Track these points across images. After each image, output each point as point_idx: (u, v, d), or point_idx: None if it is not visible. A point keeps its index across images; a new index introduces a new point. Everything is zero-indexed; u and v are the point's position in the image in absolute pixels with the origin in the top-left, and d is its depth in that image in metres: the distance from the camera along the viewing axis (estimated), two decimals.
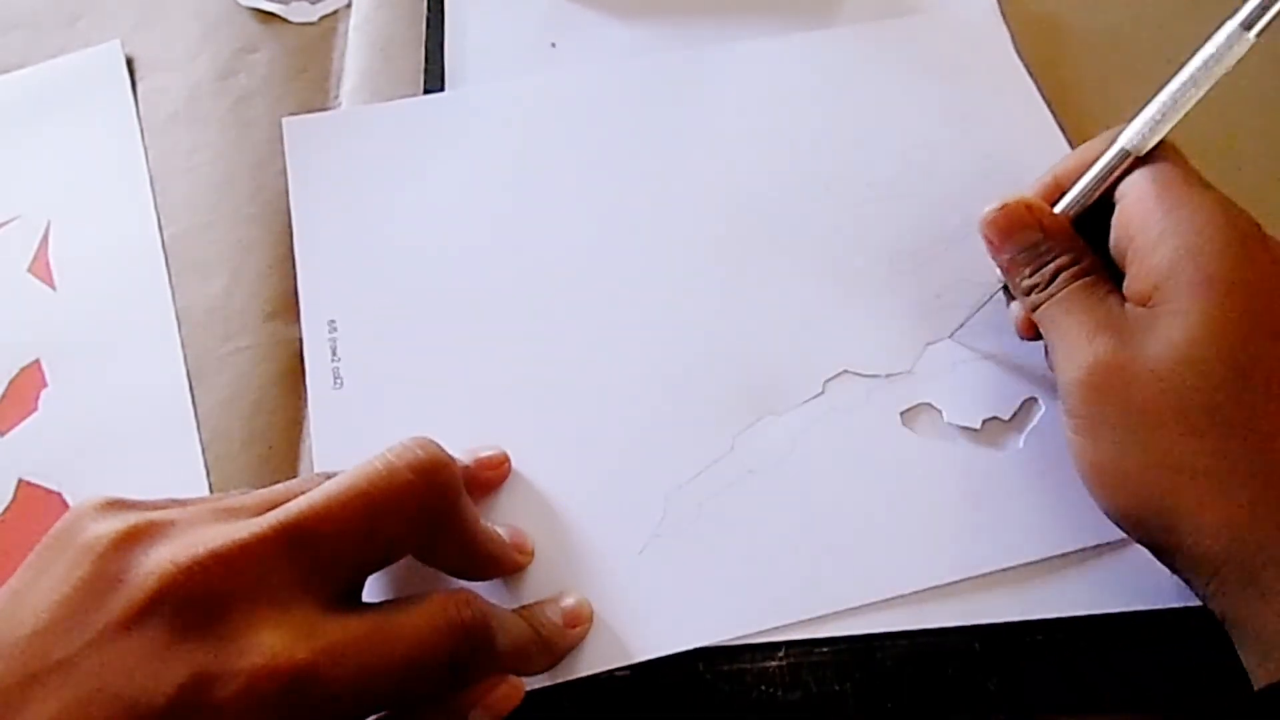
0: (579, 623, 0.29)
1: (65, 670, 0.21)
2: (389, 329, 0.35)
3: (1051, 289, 0.29)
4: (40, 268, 0.36)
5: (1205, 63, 0.28)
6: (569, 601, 0.29)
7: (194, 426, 0.33)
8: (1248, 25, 0.27)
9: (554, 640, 0.29)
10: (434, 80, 0.42)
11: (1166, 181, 0.28)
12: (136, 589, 0.22)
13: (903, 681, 0.29)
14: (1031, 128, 0.40)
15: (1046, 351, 0.31)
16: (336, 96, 0.42)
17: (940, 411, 0.33)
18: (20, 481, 0.32)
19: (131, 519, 0.23)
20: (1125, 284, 0.28)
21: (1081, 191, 0.30)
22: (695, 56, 0.42)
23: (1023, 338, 0.33)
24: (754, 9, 0.44)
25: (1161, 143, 0.29)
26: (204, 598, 0.22)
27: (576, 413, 0.33)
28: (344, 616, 0.23)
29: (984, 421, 0.33)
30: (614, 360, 0.34)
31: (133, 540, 0.23)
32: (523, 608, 0.29)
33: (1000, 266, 0.31)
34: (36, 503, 0.32)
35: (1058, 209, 0.31)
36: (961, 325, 0.34)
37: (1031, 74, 0.41)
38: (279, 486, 0.26)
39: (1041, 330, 0.30)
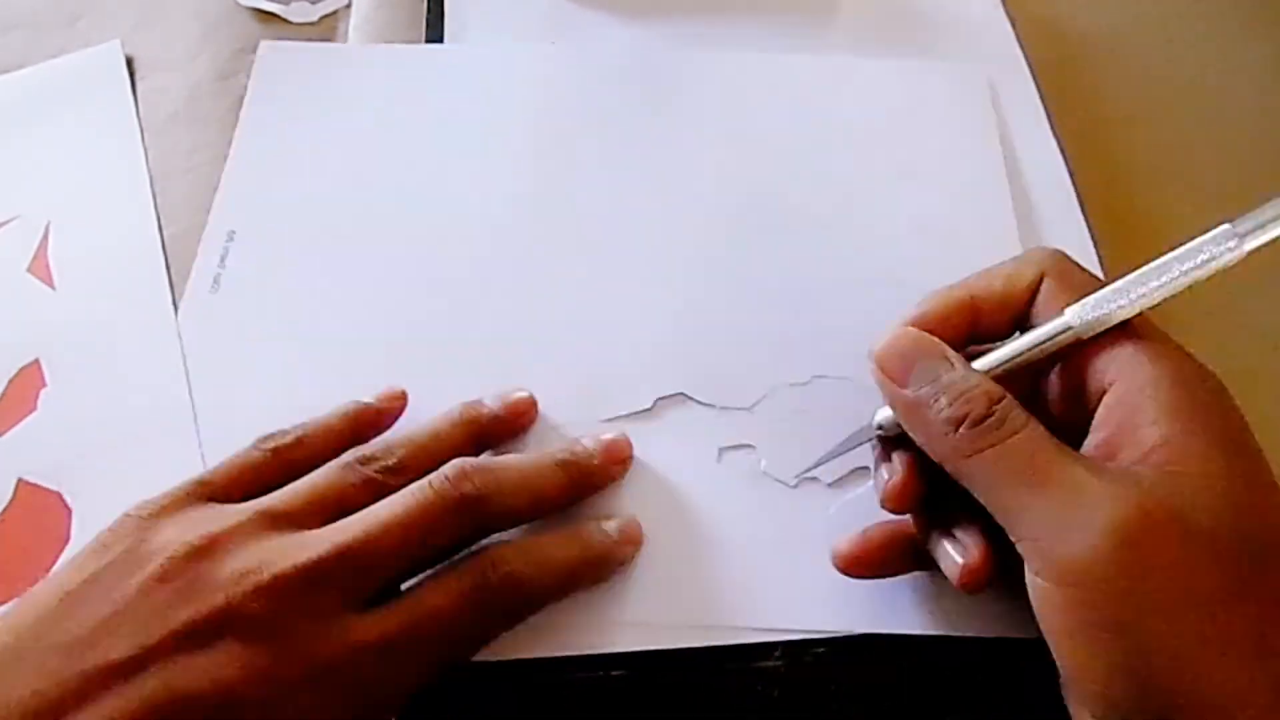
0: (632, 540, 0.30)
1: (128, 672, 0.23)
2: (283, 251, 0.36)
3: (989, 431, 0.24)
4: (40, 267, 0.36)
5: (1183, 266, 0.24)
6: (620, 521, 0.30)
7: (194, 426, 0.33)
8: (1242, 235, 0.22)
9: (608, 554, 0.29)
10: None
11: (1156, 348, 0.24)
12: (202, 604, 0.24)
13: (902, 682, 0.29)
14: (984, 197, 0.38)
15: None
16: None
17: (760, 459, 0.32)
18: (19, 481, 0.32)
19: (193, 533, 0.25)
20: (1092, 446, 0.24)
21: (1008, 359, 0.26)
22: (673, 59, 0.42)
23: (890, 508, 0.27)
24: (753, 9, 0.44)
25: None
26: (262, 618, 0.24)
27: (422, 382, 0.32)
28: (383, 614, 0.25)
29: (799, 478, 0.31)
30: (473, 343, 0.34)
31: (199, 555, 0.24)
32: (574, 526, 0.29)
33: (900, 405, 0.26)
34: (36, 502, 0.31)
35: (977, 365, 0.26)
36: (815, 466, 0.31)
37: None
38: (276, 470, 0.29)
39: (984, 484, 0.24)
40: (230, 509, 0.26)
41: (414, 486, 0.27)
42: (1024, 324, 0.27)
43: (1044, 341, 0.26)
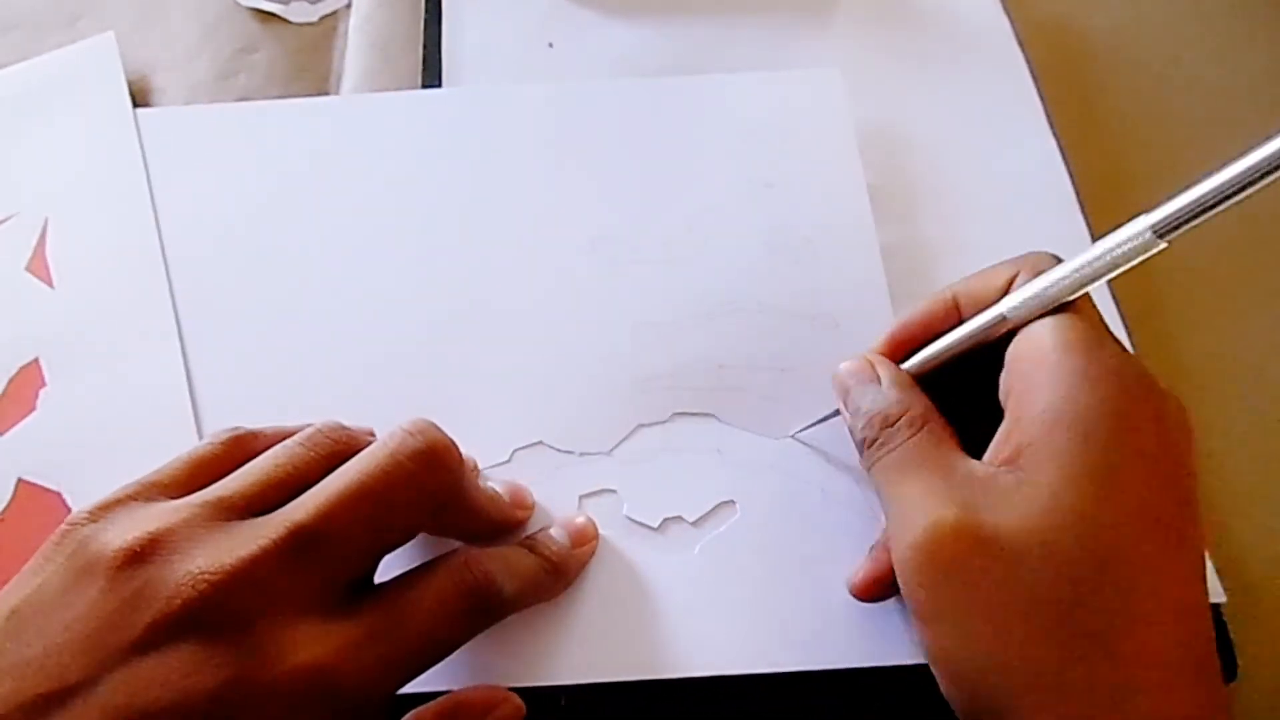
0: (586, 540, 0.30)
1: (85, 690, 0.21)
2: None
3: (885, 443, 0.27)
4: (38, 266, 0.36)
5: (1107, 257, 0.24)
6: (577, 521, 0.30)
7: (194, 426, 0.33)
8: (1159, 231, 0.23)
9: (564, 563, 0.29)
10: (432, 80, 0.42)
11: (1067, 338, 0.25)
12: (156, 612, 0.22)
13: (898, 683, 0.29)
14: (842, 205, 0.37)
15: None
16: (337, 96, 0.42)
17: (622, 503, 0.31)
18: (19, 481, 0.32)
19: (133, 534, 0.23)
20: (993, 442, 0.26)
21: (943, 349, 0.28)
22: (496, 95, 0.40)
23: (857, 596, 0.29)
24: (752, 9, 0.44)
25: None
26: (223, 616, 0.22)
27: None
28: (358, 610, 0.24)
29: (664, 520, 0.31)
30: (324, 407, 0.30)
31: (143, 558, 0.22)
32: (528, 537, 0.29)
33: (849, 429, 0.29)
34: (35, 502, 0.31)
35: (913, 361, 0.29)
36: (803, 429, 0.32)
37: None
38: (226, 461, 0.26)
39: (878, 493, 0.27)
40: (174, 504, 0.24)
41: (366, 451, 0.25)
42: None
43: (976, 331, 0.27)
